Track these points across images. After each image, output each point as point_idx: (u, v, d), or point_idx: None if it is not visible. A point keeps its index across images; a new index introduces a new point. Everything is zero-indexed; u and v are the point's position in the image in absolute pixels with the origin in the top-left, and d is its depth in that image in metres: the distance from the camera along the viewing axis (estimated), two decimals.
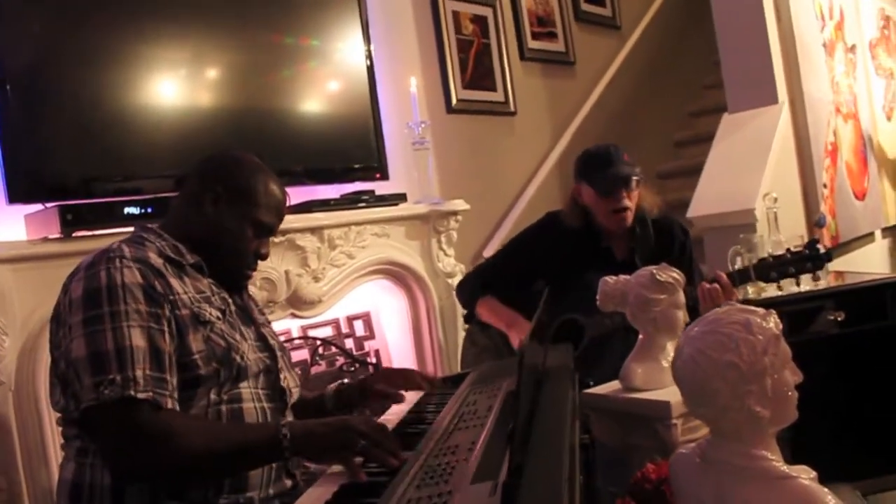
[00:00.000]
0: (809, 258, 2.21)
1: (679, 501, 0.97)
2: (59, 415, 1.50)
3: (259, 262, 1.67)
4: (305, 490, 1.51)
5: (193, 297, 1.50)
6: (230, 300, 1.61)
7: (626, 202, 2.44)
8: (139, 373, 1.34)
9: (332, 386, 1.90)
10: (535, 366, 1.61)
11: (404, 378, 1.90)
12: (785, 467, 0.91)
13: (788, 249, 2.29)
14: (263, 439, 1.41)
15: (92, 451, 1.42)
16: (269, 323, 1.80)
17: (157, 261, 1.48)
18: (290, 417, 1.63)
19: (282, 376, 1.62)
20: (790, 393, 0.91)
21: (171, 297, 1.45)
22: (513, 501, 0.91)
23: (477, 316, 2.63)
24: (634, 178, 2.45)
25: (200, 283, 1.55)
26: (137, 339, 1.37)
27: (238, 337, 1.53)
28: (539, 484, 1.01)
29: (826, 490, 0.90)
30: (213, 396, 1.47)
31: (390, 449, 1.39)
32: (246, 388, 1.52)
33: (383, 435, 1.41)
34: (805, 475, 0.90)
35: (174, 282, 1.48)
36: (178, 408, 1.40)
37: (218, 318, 1.51)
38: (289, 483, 1.56)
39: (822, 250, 2.29)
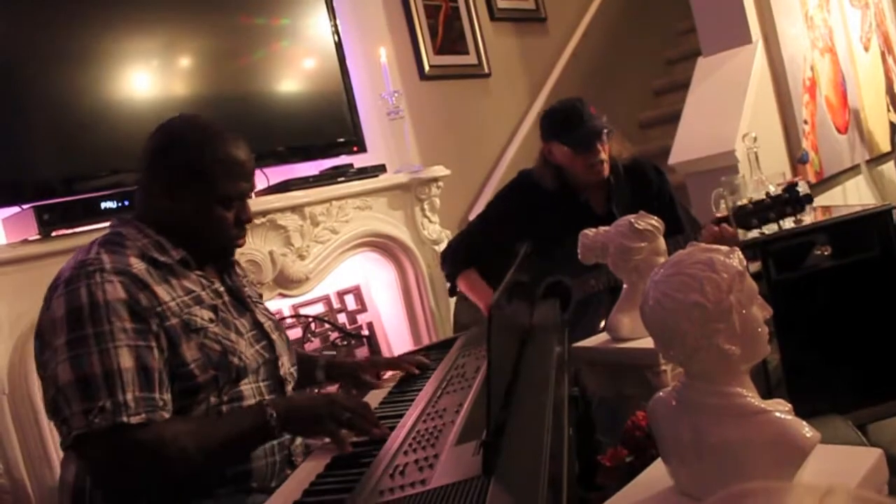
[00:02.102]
0: (789, 202, 2.19)
1: (660, 445, 0.98)
2: (51, 418, 1.50)
3: (245, 226, 1.59)
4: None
5: (182, 303, 1.45)
6: (222, 289, 1.58)
7: (602, 155, 2.44)
8: (129, 396, 1.31)
9: (325, 355, 1.90)
10: (520, 325, 1.62)
11: (394, 367, 1.90)
12: (760, 403, 0.91)
13: (768, 194, 2.25)
14: (252, 424, 1.41)
15: None
16: (261, 298, 1.78)
17: (139, 267, 1.43)
18: None
19: (280, 363, 1.60)
20: (759, 329, 0.92)
21: (159, 309, 1.40)
22: (494, 458, 0.93)
23: (459, 290, 2.65)
24: (606, 130, 2.44)
25: (189, 279, 1.50)
26: (125, 360, 1.33)
27: (234, 336, 1.50)
28: (522, 439, 1.02)
29: (802, 422, 0.91)
30: (213, 399, 1.45)
31: (373, 420, 1.40)
32: (247, 386, 1.51)
33: (366, 408, 1.43)
34: (780, 408, 0.91)
35: (160, 290, 1.43)
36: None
37: (210, 320, 1.47)
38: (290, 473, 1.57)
39: (803, 192, 2.26)
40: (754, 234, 2.63)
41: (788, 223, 2.44)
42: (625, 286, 1.93)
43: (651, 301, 0.91)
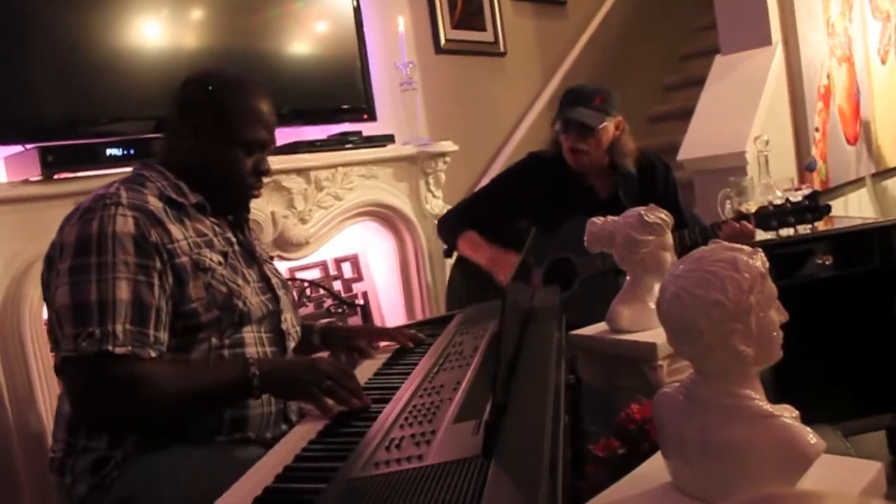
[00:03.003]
0: (810, 209, 2.23)
1: (663, 440, 0.97)
2: (52, 346, 1.50)
3: (263, 178, 1.63)
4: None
5: (194, 243, 1.48)
6: (234, 240, 1.60)
7: (580, 145, 2.44)
8: (119, 327, 1.33)
9: (322, 322, 1.90)
10: (522, 307, 1.61)
11: (389, 337, 1.89)
12: (768, 406, 0.90)
13: (788, 199, 2.31)
14: (232, 378, 1.42)
15: None
16: (272, 259, 1.80)
17: (156, 205, 1.46)
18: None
19: (283, 317, 1.62)
20: (775, 332, 0.91)
21: (170, 246, 1.43)
22: (495, 440, 0.91)
23: (457, 250, 2.61)
24: (588, 125, 2.41)
25: (203, 224, 1.53)
26: (122, 292, 1.35)
27: (240, 281, 1.52)
28: (523, 422, 1.01)
29: (808, 429, 0.91)
30: (214, 341, 1.47)
31: (354, 390, 1.39)
32: (249, 333, 1.52)
33: (348, 377, 1.42)
34: (788, 414, 0.90)
35: (173, 228, 1.46)
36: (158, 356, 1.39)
37: (220, 262, 1.50)
38: (285, 428, 1.57)
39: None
40: (763, 236, 2.64)
41: (803, 230, 2.48)
42: (628, 278, 1.92)
43: (669, 295, 0.90)
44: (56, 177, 2.14)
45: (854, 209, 4.33)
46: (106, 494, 1.39)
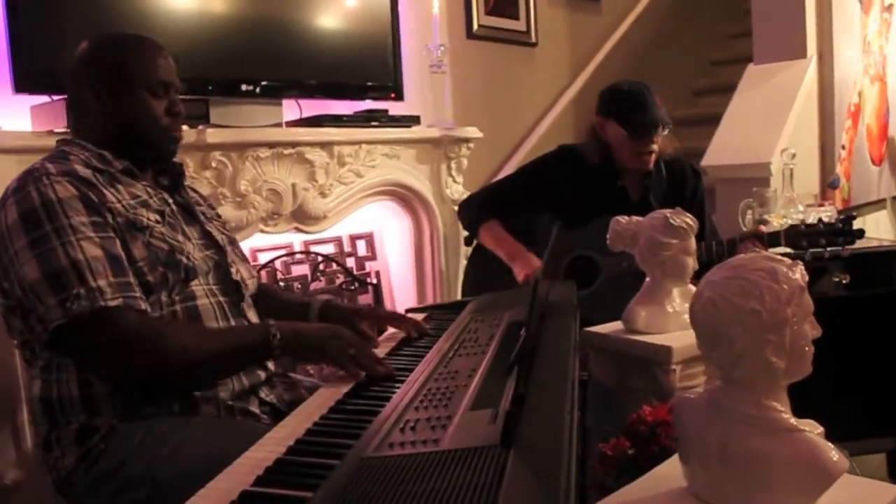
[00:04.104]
0: (841, 233, 2.20)
1: (682, 445, 0.96)
2: (11, 335, 1.48)
3: (178, 118, 1.59)
4: (278, 382, 1.59)
5: (128, 205, 1.45)
6: (170, 200, 1.57)
7: (654, 147, 2.43)
8: (103, 282, 1.31)
9: (321, 298, 1.87)
10: (540, 300, 1.60)
11: (392, 322, 1.84)
12: (794, 420, 0.89)
13: (821, 220, 2.28)
14: (255, 339, 1.42)
15: (55, 366, 1.40)
16: (219, 217, 1.78)
17: (84, 172, 1.43)
18: (250, 311, 1.63)
19: (233, 270, 1.59)
20: (807, 347, 0.89)
21: (108, 206, 1.41)
22: (514, 430, 0.90)
23: (478, 239, 2.60)
24: (664, 124, 2.42)
25: (135, 187, 1.50)
26: (91, 251, 1.33)
27: (181, 238, 1.50)
28: (542, 415, 1.00)
29: (832, 446, 0.89)
30: (164, 299, 1.44)
31: (377, 358, 1.41)
32: (198, 286, 1.50)
33: (370, 346, 1.45)
34: (813, 429, 0.89)
35: (106, 191, 1.43)
36: (150, 310, 1.38)
37: (157, 221, 1.47)
38: (262, 375, 1.55)
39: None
40: (773, 250, 2.61)
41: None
42: (647, 279, 1.90)
43: (704, 300, 0.89)
44: None
45: (872, 230, 4.30)
46: (93, 466, 1.37)
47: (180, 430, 1.36)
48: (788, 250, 2.34)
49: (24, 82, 2.13)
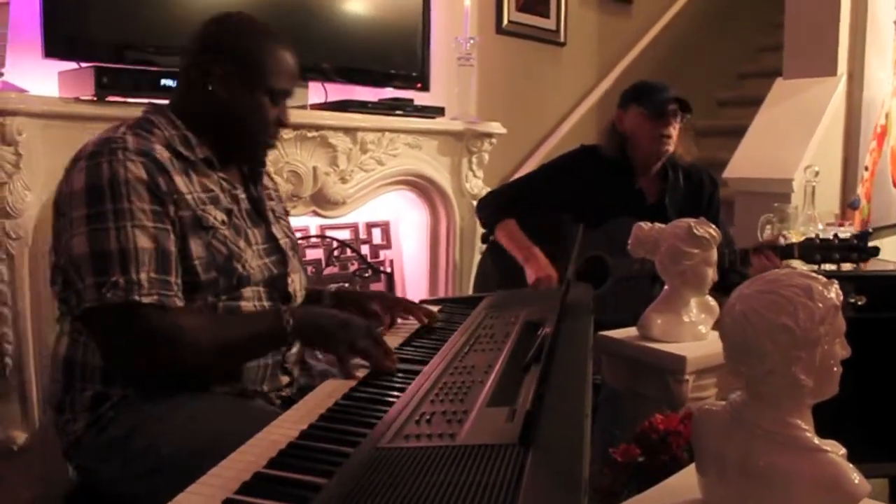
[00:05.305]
0: (856, 249, 2.18)
1: (700, 457, 0.95)
2: (53, 290, 1.48)
3: (281, 129, 1.58)
4: (306, 388, 1.53)
5: (198, 198, 1.43)
6: (242, 196, 1.54)
7: (672, 130, 2.43)
8: (143, 276, 1.30)
9: (333, 286, 1.86)
10: (559, 302, 1.59)
11: (404, 309, 1.81)
12: (816, 440, 0.88)
13: (836, 235, 2.27)
14: (267, 327, 1.40)
15: (83, 330, 1.40)
16: (287, 215, 1.74)
17: (162, 154, 1.40)
18: None
19: (290, 279, 1.58)
20: (836, 367, 0.88)
21: (175, 196, 1.38)
22: (534, 429, 0.90)
23: (494, 237, 2.59)
24: (684, 110, 2.43)
25: (209, 179, 1.47)
26: (142, 241, 1.32)
27: (242, 244, 1.47)
28: (560, 416, 0.99)
29: (854, 468, 0.88)
30: (210, 299, 1.43)
31: (388, 350, 1.39)
32: (248, 291, 1.48)
33: (380, 337, 1.42)
34: (837, 450, 0.88)
35: (179, 179, 1.40)
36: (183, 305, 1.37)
37: (223, 222, 1.45)
38: (285, 380, 1.56)
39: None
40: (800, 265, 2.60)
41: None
42: (666, 287, 1.89)
43: (736, 313, 0.87)
44: (108, 98, 2.13)
45: (889, 253, 4.27)
46: (101, 433, 1.37)
47: (190, 406, 1.36)
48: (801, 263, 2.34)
49: (53, 48, 2.13)
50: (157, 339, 1.32)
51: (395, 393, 1.23)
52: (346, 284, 2.83)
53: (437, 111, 2.95)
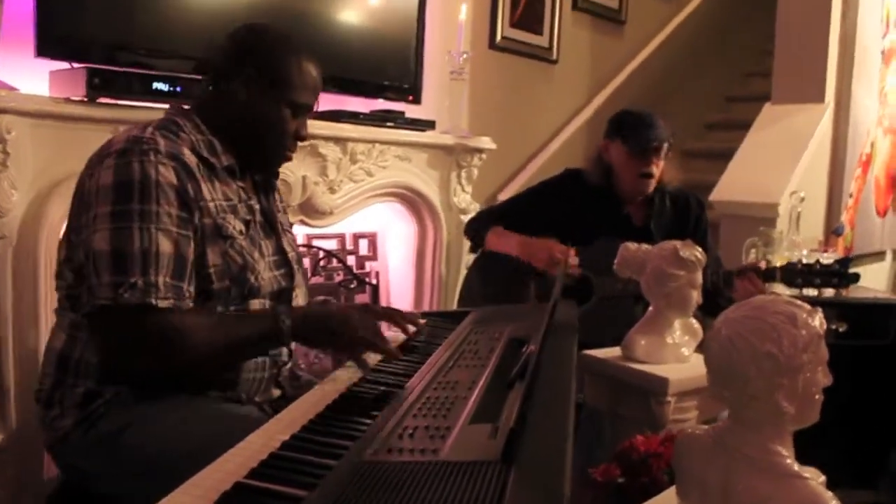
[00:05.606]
0: (838, 274, 2.20)
1: (681, 480, 0.96)
2: (58, 284, 1.47)
3: (298, 144, 1.62)
4: (294, 399, 1.53)
5: (220, 206, 1.45)
6: (257, 207, 1.57)
7: (654, 168, 2.44)
8: (161, 279, 1.31)
9: (318, 299, 1.88)
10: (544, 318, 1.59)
11: (388, 318, 1.78)
12: (797, 466, 0.89)
13: (818, 260, 2.30)
14: (264, 329, 1.41)
15: (85, 327, 1.40)
16: (291, 227, 1.77)
17: (190, 159, 1.42)
18: None
19: (294, 294, 1.60)
20: (817, 395, 0.89)
21: (200, 203, 1.40)
22: (516, 447, 0.90)
23: (486, 245, 2.59)
24: (666, 144, 2.45)
25: (229, 188, 1.50)
26: (164, 245, 1.33)
27: (256, 255, 1.50)
28: (542, 435, 1.00)
29: (832, 494, 0.89)
30: (220, 308, 1.45)
31: (386, 341, 1.43)
32: (255, 302, 1.50)
33: (378, 330, 1.45)
34: (816, 478, 0.88)
35: (204, 186, 1.43)
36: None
37: (241, 232, 1.47)
38: (276, 393, 1.56)
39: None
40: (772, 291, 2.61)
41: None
42: (650, 308, 1.90)
43: (722, 338, 0.88)
44: (99, 100, 2.12)
45: (871, 281, 4.31)
46: (90, 430, 1.38)
47: (182, 408, 1.36)
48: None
49: (46, 47, 2.11)
50: (160, 340, 1.32)
51: (379, 405, 1.23)
52: (332, 298, 2.83)
53: (428, 124, 2.96)
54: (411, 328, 1.70)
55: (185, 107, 1.55)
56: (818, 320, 0.87)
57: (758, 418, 0.88)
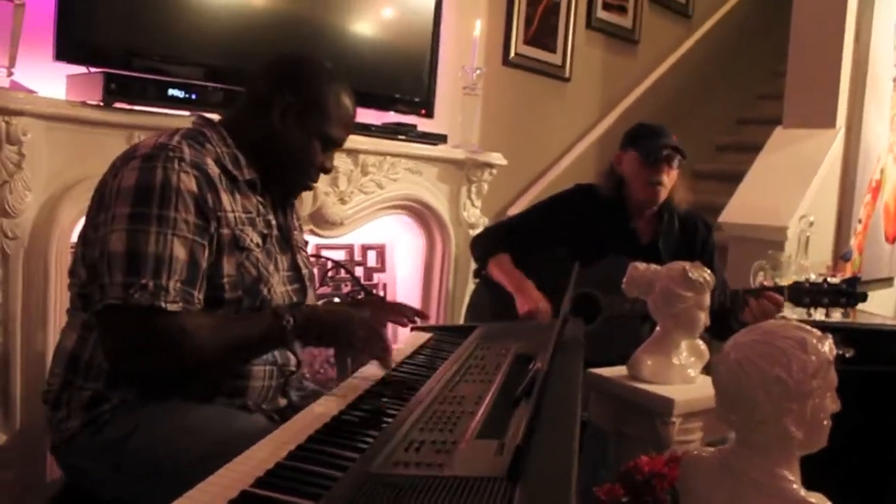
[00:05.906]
0: (846, 294, 2.19)
1: (686, 501, 0.96)
2: (72, 282, 1.49)
3: (321, 176, 1.64)
4: (300, 408, 1.53)
5: (239, 218, 1.47)
6: (274, 223, 1.58)
7: (664, 177, 2.45)
8: (171, 283, 1.33)
9: (322, 303, 1.89)
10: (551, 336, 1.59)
11: (394, 312, 1.85)
12: (803, 492, 0.89)
13: (825, 280, 2.28)
14: (268, 329, 1.42)
15: (95, 327, 1.41)
16: (306, 245, 1.79)
17: (213, 170, 1.44)
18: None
19: None
20: (826, 421, 0.89)
21: (219, 214, 1.42)
22: (523, 465, 0.90)
23: (486, 271, 2.60)
24: (678, 157, 2.47)
25: (249, 201, 1.52)
26: (178, 250, 1.34)
27: (271, 268, 1.51)
28: (549, 452, 1.00)
29: None
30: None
31: (388, 348, 1.44)
32: None
33: (381, 333, 1.46)
34: (821, 503, 0.88)
35: (225, 197, 1.45)
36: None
37: (257, 244, 1.49)
38: (283, 402, 1.57)
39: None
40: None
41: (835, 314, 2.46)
42: (658, 328, 1.90)
43: (731, 361, 0.88)
44: (115, 105, 2.14)
45: (878, 307, 4.30)
46: (97, 433, 1.39)
47: (190, 414, 1.37)
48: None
49: (64, 51, 2.13)
50: (167, 341, 1.33)
51: (385, 418, 1.24)
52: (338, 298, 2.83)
53: (440, 138, 2.97)
54: (417, 320, 1.79)
55: (213, 120, 1.57)
56: (828, 346, 0.87)
57: (765, 443, 0.88)
